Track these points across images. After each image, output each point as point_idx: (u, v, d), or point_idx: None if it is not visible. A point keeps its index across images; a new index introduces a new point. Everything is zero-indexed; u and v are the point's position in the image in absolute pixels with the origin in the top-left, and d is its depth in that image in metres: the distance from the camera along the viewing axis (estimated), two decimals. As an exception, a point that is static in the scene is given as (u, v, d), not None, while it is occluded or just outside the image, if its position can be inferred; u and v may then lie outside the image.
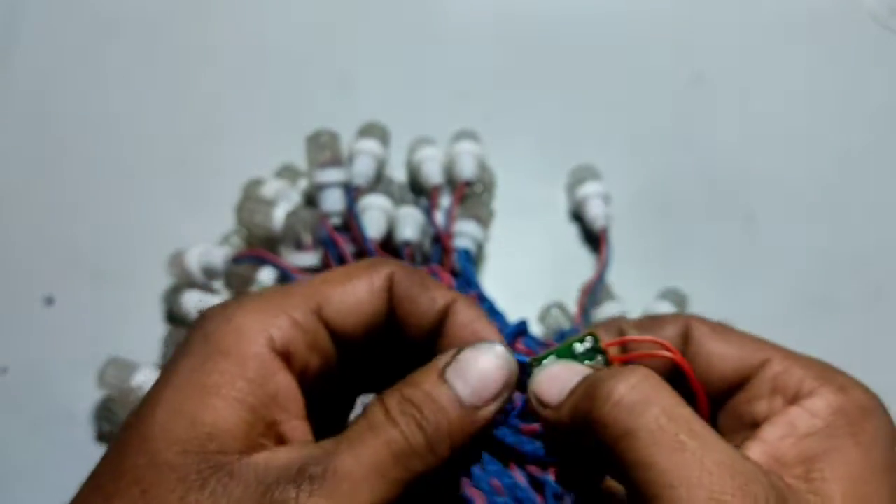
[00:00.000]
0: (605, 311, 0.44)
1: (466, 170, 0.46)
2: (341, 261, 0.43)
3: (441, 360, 0.23)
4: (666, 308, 0.44)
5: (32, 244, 0.47)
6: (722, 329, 0.28)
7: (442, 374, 0.23)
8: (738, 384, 0.26)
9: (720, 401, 0.27)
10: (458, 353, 0.23)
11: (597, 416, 0.22)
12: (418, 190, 0.48)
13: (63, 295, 0.46)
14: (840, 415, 0.24)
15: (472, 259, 0.42)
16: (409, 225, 0.44)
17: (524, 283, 0.46)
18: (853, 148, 0.51)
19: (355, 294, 0.25)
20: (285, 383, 0.23)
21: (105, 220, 0.48)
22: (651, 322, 0.28)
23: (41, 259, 0.47)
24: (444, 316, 0.25)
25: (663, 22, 0.55)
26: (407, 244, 0.43)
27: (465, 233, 0.44)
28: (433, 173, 0.47)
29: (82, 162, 0.49)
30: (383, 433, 0.21)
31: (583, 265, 0.48)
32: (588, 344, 0.24)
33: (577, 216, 0.48)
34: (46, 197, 0.49)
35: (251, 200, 0.44)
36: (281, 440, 0.22)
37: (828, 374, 0.25)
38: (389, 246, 0.44)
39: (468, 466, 0.26)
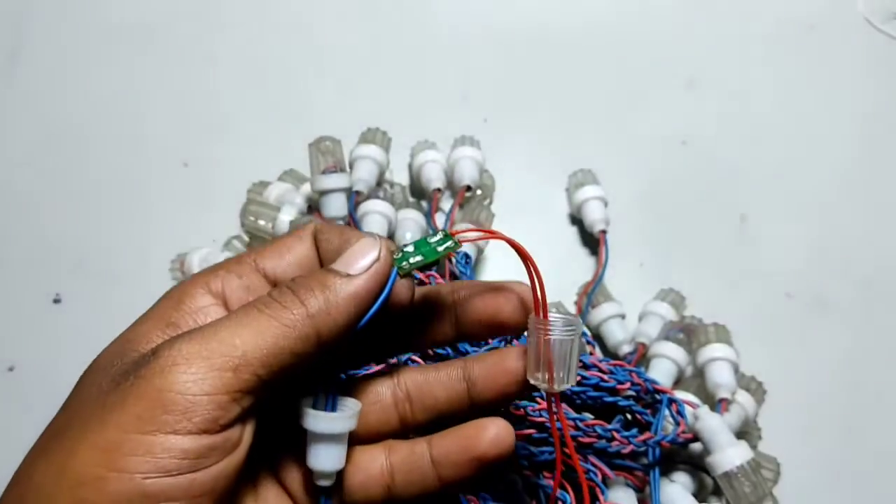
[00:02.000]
0: (603, 311, 0.45)
1: (467, 175, 0.47)
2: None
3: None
4: (664, 310, 0.44)
5: (39, 244, 0.48)
6: None
7: (323, 268, 0.26)
8: None
9: None
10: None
11: None
12: (419, 193, 0.49)
13: (70, 294, 0.47)
14: None
15: (471, 263, 0.43)
16: (410, 228, 0.45)
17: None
18: (847, 150, 0.52)
19: (286, 245, 0.28)
20: (211, 310, 0.26)
21: (111, 221, 0.49)
22: None
23: (48, 258, 0.48)
24: None
25: (660, 26, 0.55)
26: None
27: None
28: (434, 177, 0.47)
29: (89, 163, 0.51)
30: (259, 302, 0.25)
31: (581, 266, 0.48)
32: (439, 236, 0.27)
33: (576, 219, 0.49)
34: (53, 197, 0.50)
35: (255, 204, 0.45)
36: None
37: None
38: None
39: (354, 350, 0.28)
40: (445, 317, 0.29)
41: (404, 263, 0.26)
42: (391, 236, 0.45)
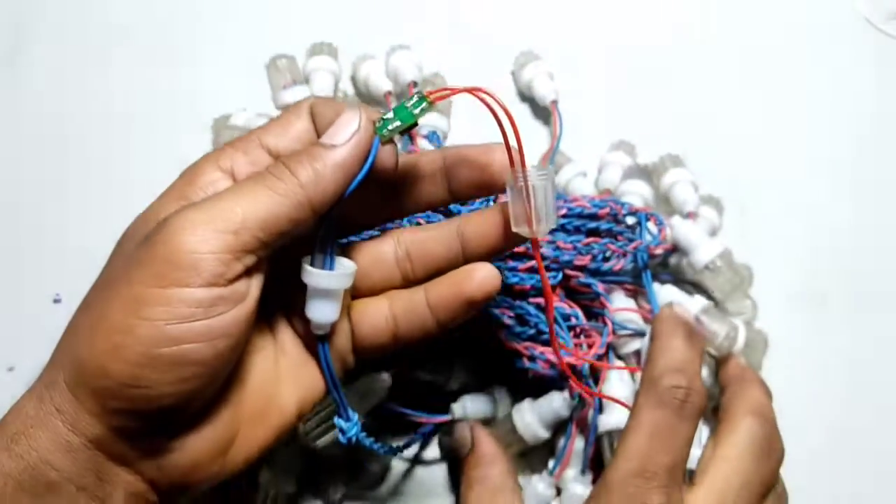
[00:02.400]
0: (566, 172, 0.49)
1: (408, 72, 0.50)
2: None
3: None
4: (621, 157, 0.49)
5: (39, 244, 0.48)
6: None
7: (315, 141, 0.29)
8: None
9: None
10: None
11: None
12: (367, 101, 0.51)
13: (70, 294, 0.46)
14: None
15: (442, 141, 0.46)
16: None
17: None
18: (847, 150, 0.52)
19: (286, 122, 0.31)
20: (224, 185, 0.30)
21: (112, 220, 0.48)
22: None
23: (48, 258, 0.48)
24: None
25: (660, 25, 0.56)
26: (379, 143, 0.47)
27: (428, 124, 0.48)
28: (381, 82, 0.50)
29: (89, 163, 0.50)
30: (255, 176, 0.28)
31: (539, 138, 0.52)
32: (415, 99, 0.30)
33: (525, 96, 0.53)
34: (54, 197, 0.49)
35: (226, 130, 0.47)
36: None
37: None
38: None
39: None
40: (437, 180, 0.32)
41: (385, 130, 0.29)
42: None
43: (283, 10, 0.55)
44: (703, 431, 0.38)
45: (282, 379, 0.31)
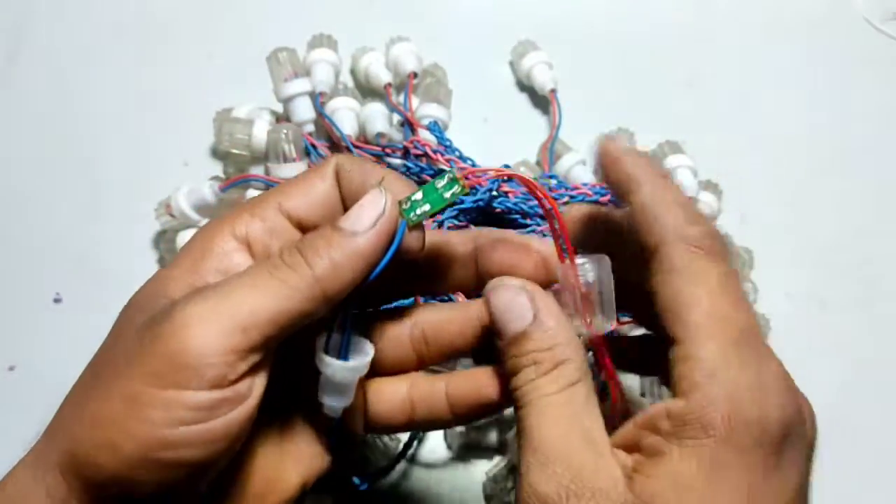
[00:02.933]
0: (566, 161, 0.49)
1: (409, 63, 0.50)
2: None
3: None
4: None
5: (39, 244, 0.48)
6: (694, 267, 0.26)
7: (333, 224, 0.26)
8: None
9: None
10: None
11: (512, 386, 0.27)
12: (367, 93, 0.52)
13: (70, 294, 0.47)
14: (687, 425, 0.24)
15: (444, 130, 0.46)
16: (378, 119, 0.48)
17: (490, 149, 0.49)
18: (847, 149, 0.52)
19: (309, 184, 0.29)
20: (240, 259, 0.28)
21: (111, 220, 0.49)
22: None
23: (48, 258, 0.48)
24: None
25: (660, 24, 0.56)
26: (381, 135, 0.47)
27: (429, 115, 0.48)
28: (382, 73, 0.50)
29: (89, 163, 0.50)
30: (269, 262, 0.26)
31: (538, 127, 0.52)
32: (446, 180, 0.27)
33: (524, 86, 0.53)
34: (54, 197, 0.49)
35: (228, 122, 0.47)
36: None
37: (719, 373, 0.25)
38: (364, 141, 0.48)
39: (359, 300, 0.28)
40: (467, 263, 0.30)
41: (412, 214, 0.26)
42: (361, 128, 0.48)
43: (283, 3, 0.56)
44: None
45: (286, 458, 0.29)
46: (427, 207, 0.27)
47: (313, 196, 0.28)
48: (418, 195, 0.27)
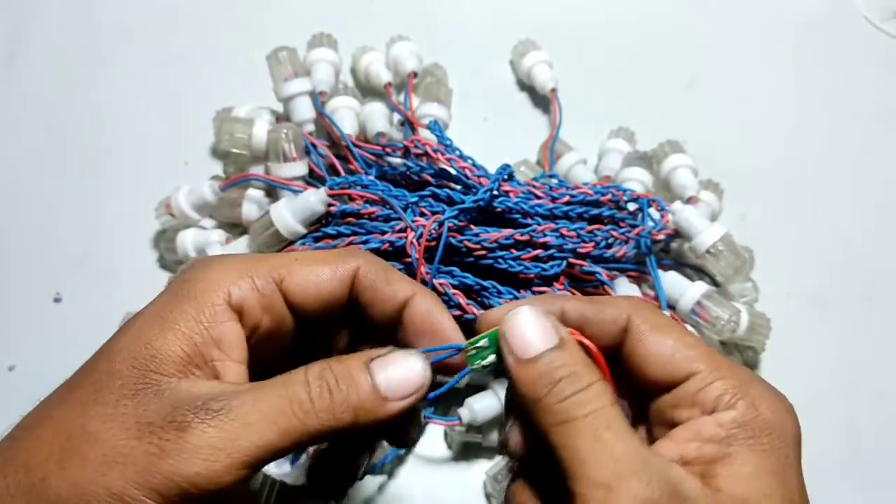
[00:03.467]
0: (567, 160, 0.49)
1: (408, 63, 0.50)
2: (325, 166, 0.46)
3: (374, 351, 0.27)
4: (621, 144, 0.49)
5: (39, 244, 0.48)
6: (661, 327, 0.28)
7: (368, 363, 0.26)
8: (665, 388, 0.28)
9: (649, 396, 0.29)
10: (391, 351, 0.27)
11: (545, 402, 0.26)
12: (367, 93, 0.52)
13: (70, 294, 0.46)
14: (743, 427, 0.26)
15: (442, 129, 0.46)
16: (378, 118, 0.48)
17: (490, 149, 0.48)
18: (847, 149, 0.52)
19: (317, 275, 0.28)
20: (231, 331, 0.27)
21: (111, 220, 0.49)
22: (595, 304, 0.29)
23: (48, 258, 0.48)
24: (404, 307, 0.29)
25: (661, 24, 0.56)
26: (382, 134, 0.47)
27: (429, 114, 0.48)
28: (383, 73, 0.50)
29: (89, 163, 0.50)
30: (292, 388, 0.25)
31: (538, 126, 0.52)
32: None
33: (525, 85, 0.53)
34: (54, 197, 0.49)
35: (228, 122, 0.46)
36: (216, 376, 0.26)
37: (744, 390, 0.27)
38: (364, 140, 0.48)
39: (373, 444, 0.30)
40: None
41: (477, 364, 0.27)
42: (361, 128, 0.48)
43: (283, 2, 0.56)
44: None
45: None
46: (492, 358, 0.27)
47: (318, 289, 0.28)
48: (484, 342, 0.27)
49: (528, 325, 0.26)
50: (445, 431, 0.43)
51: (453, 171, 0.42)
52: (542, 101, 0.53)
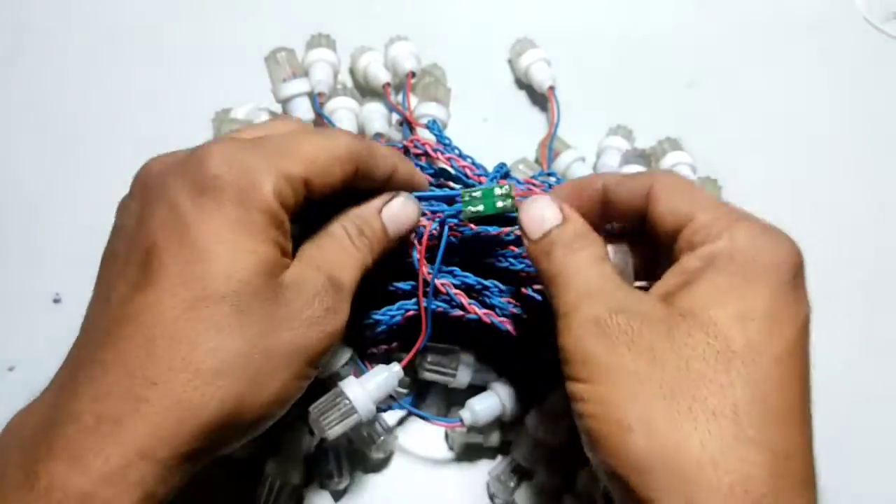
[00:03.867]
0: (565, 158, 0.49)
1: (407, 63, 0.50)
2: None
3: (379, 200, 0.36)
4: (619, 142, 0.49)
5: (39, 244, 0.48)
6: (676, 184, 0.31)
7: (379, 211, 0.35)
8: (675, 234, 0.30)
9: (671, 250, 0.31)
10: (391, 198, 0.36)
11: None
12: (366, 93, 0.52)
13: (70, 294, 0.46)
14: (716, 256, 0.28)
15: (441, 129, 0.46)
16: (377, 118, 0.48)
17: (489, 147, 0.48)
18: (846, 149, 0.52)
19: (329, 161, 0.33)
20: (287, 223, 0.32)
21: (112, 220, 0.48)
22: (623, 178, 0.33)
23: (48, 258, 0.48)
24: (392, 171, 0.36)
25: (660, 24, 0.56)
26: (381, 135, 0.47)
27: (428, 114, 0.48)
28: (381, 73, 0.50)
29: (87, 163, 0.50)
30: (339, 238, 0.34)
31: (537, 124, 0.52)
32: (504, 190, 0.32)
33: (523, 84, 0.53)
34: (53, 197, 0.49)
35: (227, 123, 0.47)
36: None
37: (732, 224, 0.29)
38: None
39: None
40: None
41: (468, 209, 0.31)
42: (360, 128, 0.48)
43: (282, 3, 0.55)
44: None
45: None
46: (480, 208, 0.32)
47: (331, 177, 0.32)
48: (477, 193, 0.32)
49: (537, 210, 0.32)
50: (447, 433, 0.43)
51: (453, 171, 0.43)
52: (541, 99, 0.53)
